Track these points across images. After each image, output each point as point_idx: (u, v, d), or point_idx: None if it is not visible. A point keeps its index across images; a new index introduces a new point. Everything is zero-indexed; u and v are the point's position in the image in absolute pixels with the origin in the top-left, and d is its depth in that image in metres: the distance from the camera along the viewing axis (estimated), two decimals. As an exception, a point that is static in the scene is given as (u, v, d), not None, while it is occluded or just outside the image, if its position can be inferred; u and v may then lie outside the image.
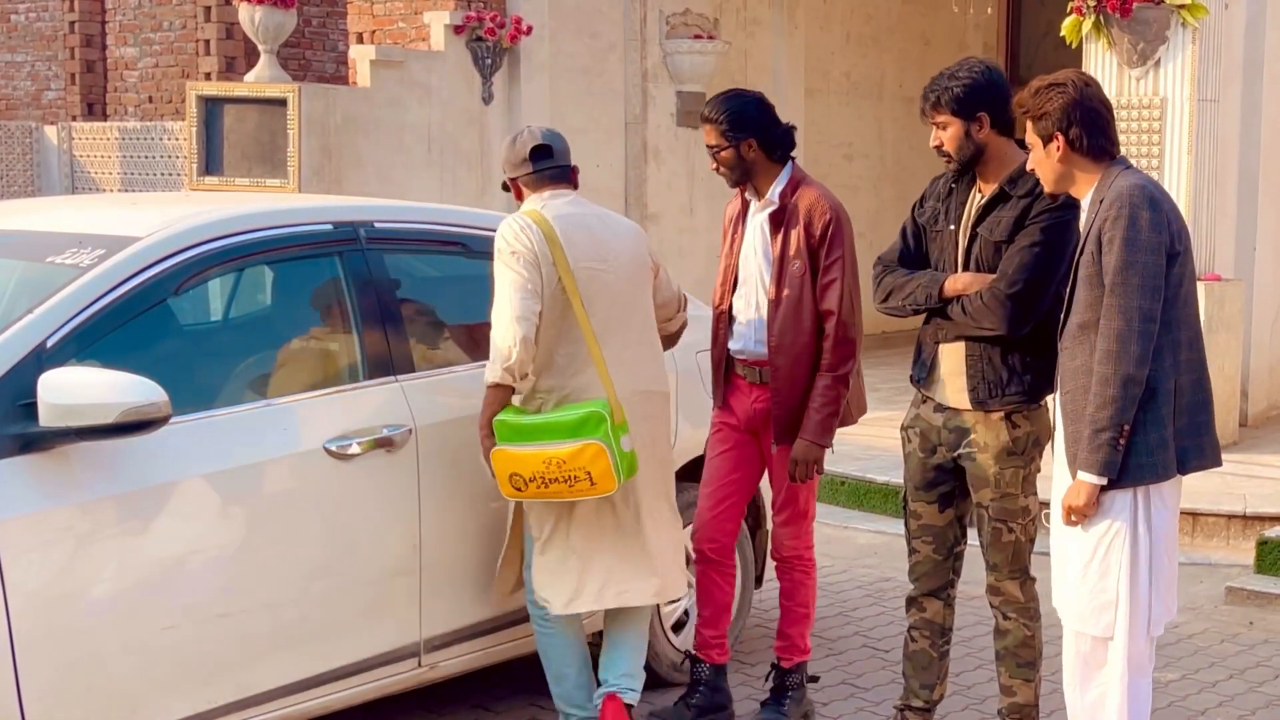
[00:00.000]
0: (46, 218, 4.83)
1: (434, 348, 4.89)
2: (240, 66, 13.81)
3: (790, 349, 4.76)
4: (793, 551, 5.01)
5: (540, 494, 4.38)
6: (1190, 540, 7.39)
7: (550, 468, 4.31)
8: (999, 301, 4.27)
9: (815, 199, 4.80)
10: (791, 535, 4.98)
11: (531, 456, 4.32)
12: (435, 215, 5.17)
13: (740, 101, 4.91)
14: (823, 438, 4.75)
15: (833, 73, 14.36)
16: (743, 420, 4.95)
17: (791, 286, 4.77)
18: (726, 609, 5.09)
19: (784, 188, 4.86)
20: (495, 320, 4.39)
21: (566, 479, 4.32)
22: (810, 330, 4.76)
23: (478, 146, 11.12)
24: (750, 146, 4.84)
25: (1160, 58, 8.41)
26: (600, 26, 11.84)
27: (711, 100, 4.95)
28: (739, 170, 4.87)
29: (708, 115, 4.88)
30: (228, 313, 4.87)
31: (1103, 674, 4.02)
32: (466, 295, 5.15)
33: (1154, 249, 3.81)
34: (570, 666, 4.67)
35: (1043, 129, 3.97)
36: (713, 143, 4.86)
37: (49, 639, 3.69)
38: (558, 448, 4.30)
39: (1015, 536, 4.41)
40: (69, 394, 3.64)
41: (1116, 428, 3.80)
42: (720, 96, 4.95)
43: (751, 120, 4.86)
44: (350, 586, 4.34)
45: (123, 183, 12.50)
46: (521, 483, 4.37)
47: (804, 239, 4.77)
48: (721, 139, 4.83)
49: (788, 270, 4.78)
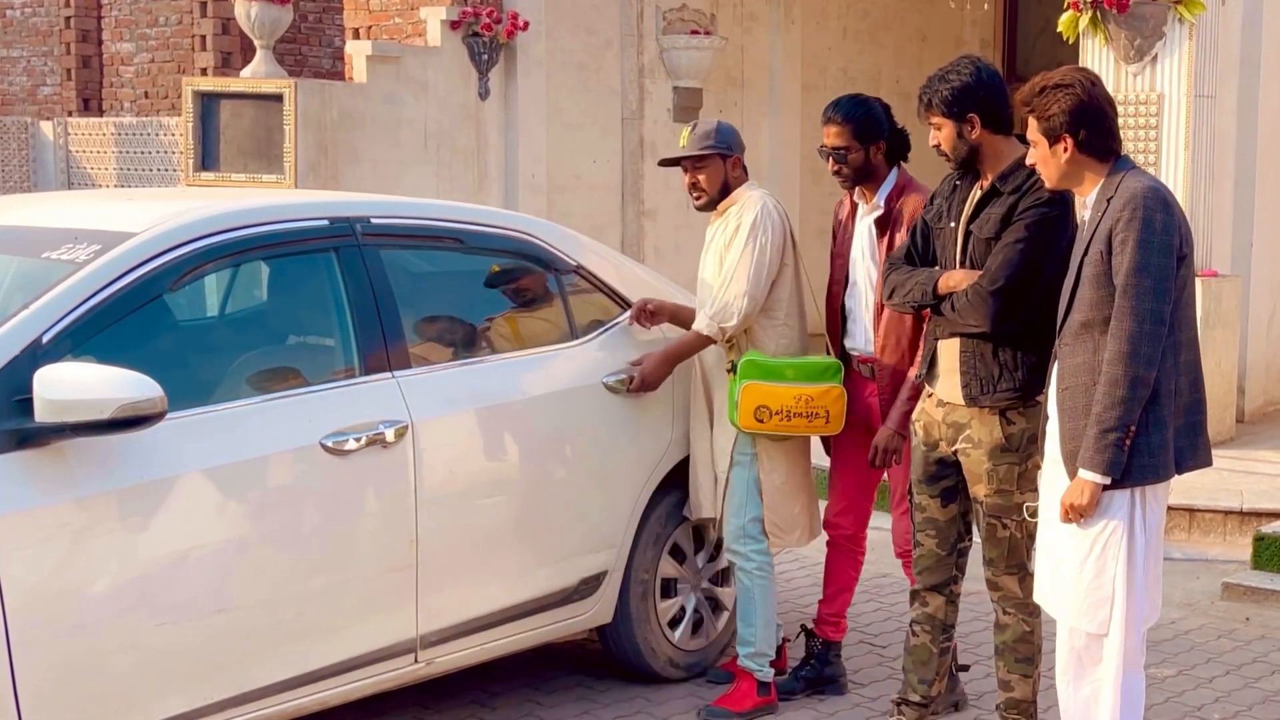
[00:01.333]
0: (42, 213, 4.82)
1: (430, 343, 4.88)
2: (236, 62, 13.80)
3: (895, 348, 4.94)
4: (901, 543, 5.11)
5: (780, 427, 4.99)
6: (1187, 536, 7.39)
7: (799, 404, 4.96)
8: (982, 298, 4.29)
9: (919, 203, 4.88)
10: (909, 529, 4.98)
11: (784, 392, 4.95)
12: (431, 211, 5.16)
13: (868, 107, 5.05)
14: (903, 427, 4.88)
15: (829, 68, 14.34)
16: (859, 413, 5.10)
17: None
18: (848, 590, 5.38)
19: (890, 191, 5.01)
20: (733, 282, 4.99)
21: (809, 414, 4.98)
22: (913, 329, 4.90)
23: (474, 142, 11.10)
24: (879, 150, 4.97)
25: (1157, 54, 8.40)
26: (597, 22, 11.83)
27: (842, 102, 5.08)
28: (862, 173, 5.01)
29: (836, 118, 5.01)
30: (224, 308, 4.87)
31: (1097, 670, 4.03)
32: (463, 290, 5.15)
33: (1166, 252, 3.82)
34: (774, 610, 5.21)
35: (1049, 129, 3.96)
36: (841, 144, 4.98)
37: (45, 635, 3.68)
38: (810, 387, 4.96)
39: (1011, 532, 4.41)
40: (65, 390, 3.63)
41: (1123, 428, 3.81)
42: (851, 100, 5.08)
43: (880, 125, 5.02)
44: (347, 582, 4.33)
45: (118, 178, 12.48)
46: (766, 415, 4.95)
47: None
48: (854, 142, 4.96)
49: None
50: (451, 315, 5.07)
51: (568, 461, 5.01)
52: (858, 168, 5.00)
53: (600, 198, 11.78)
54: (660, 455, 5.24)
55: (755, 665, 5.10)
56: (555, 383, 4.99)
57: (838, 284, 5.18)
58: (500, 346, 5.01)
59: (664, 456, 5.24)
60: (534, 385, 4.93)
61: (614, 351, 5.17)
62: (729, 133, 5.19)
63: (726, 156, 5.14)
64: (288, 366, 4.54)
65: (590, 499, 5.04)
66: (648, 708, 5.14)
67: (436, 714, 5.07)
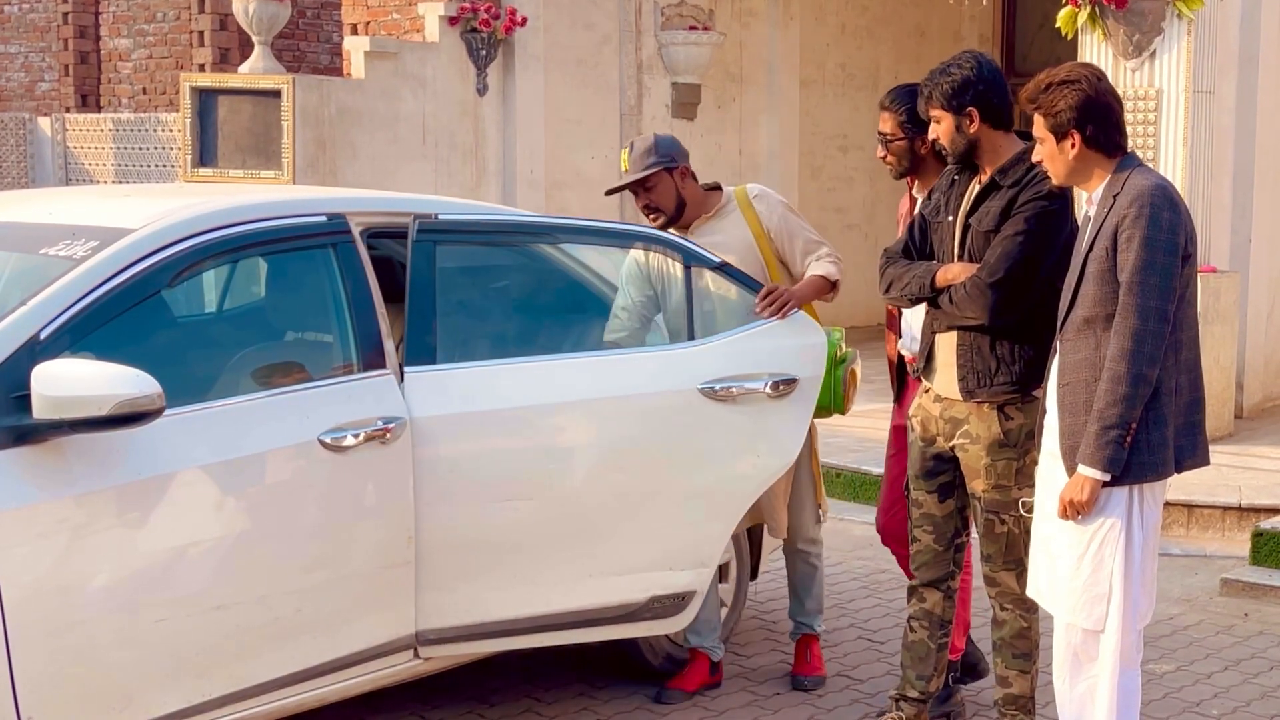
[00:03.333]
0: (40, 209, 4.81)
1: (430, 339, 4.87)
2: (234, 58, 13.79)
3: None
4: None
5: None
6: (1186, 532, 7.40)
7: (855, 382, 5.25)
8: (980, 291, 4.28)
9: None
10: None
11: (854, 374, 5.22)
12: (429, 207, 5.14)
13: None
14: None
15: (828, 64, 14.34)
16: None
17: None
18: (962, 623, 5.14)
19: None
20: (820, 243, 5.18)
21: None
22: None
23: (472, 138, 11.11)
24: (923, 143, 4.87)
25: (1156, 49, 8.40)
26: (595, 18, 11.83)
27: (894, 90, 5.03)
28: (908, 161, 4.95)
29: (889, 105, 4.96)
30: (222, 305, 4.86)
31: (1093, 666, 4.03)
32: (462, 286, 5.13)
33: (1172, 250, 3.82)
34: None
35: (1055, 125, 3.94)
36: (888, 131, 4.94)
37: (43, 632, 3.67)
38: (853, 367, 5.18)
39: (1009, 528, 4.41)
40: (62, 386, 3.63)
41: (1124, 426, 3.81)
42: (905, 89, 4.98)
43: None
44: (345, 579, 4.32)
45: (117, 174, 12.47)
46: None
47: None
48: (898, 129, 4.91)
49: None
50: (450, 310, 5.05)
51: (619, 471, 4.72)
52: (901, 155, 4.94)
53: (598, 193, 11.72)
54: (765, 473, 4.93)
55: (714, 645, 5.22)
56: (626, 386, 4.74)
57: None
58: (505, 345, 4.98)
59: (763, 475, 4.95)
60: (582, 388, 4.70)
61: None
62: (669, 144, 5.14)
63: (672, 169, 5.09)
64: (286, 362, 4.53)
65: (658, 513, 4.75)
66: (647, 704, 5.14)
67: (435, 711, 5.07)
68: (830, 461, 8.30)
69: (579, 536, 4.66)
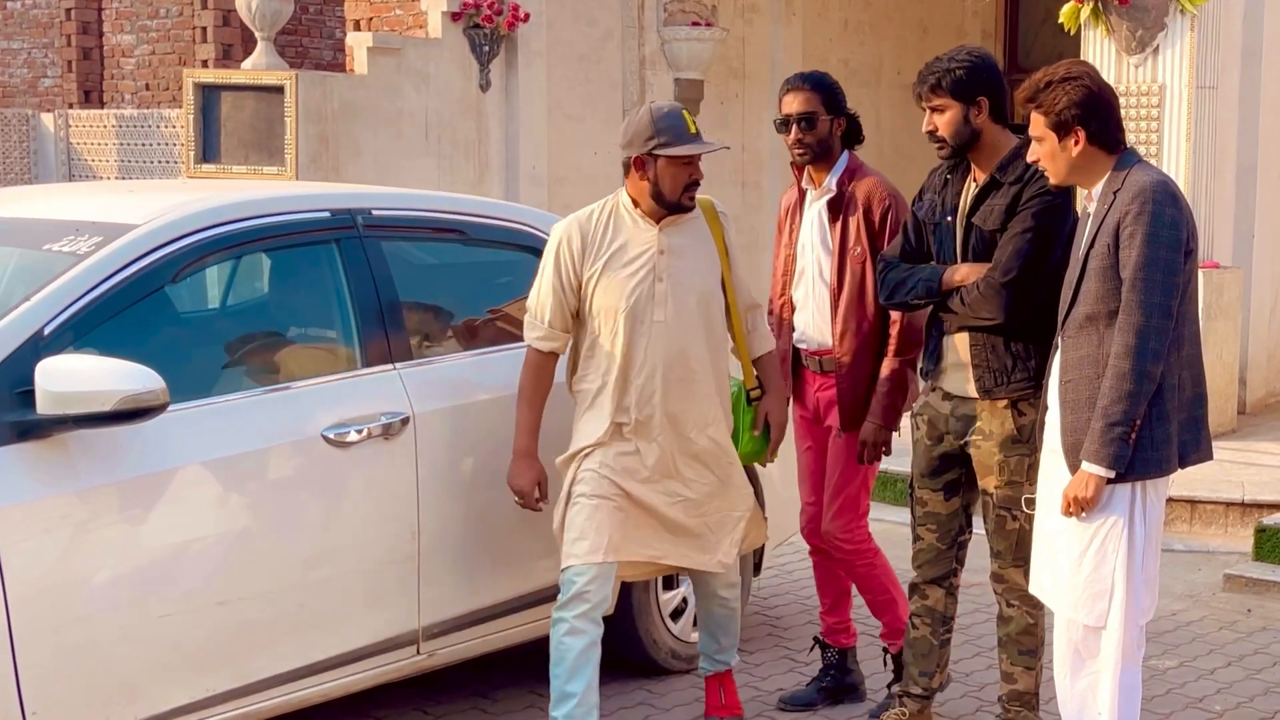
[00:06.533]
0: (43, 205, 4.82)
1: (431, 335, 4.88)
2: (237, 54, 13.79)
3: (855, 336, 4.79)
4: (850, 544, 4.93)
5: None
6: (1188, 528, 7.40)
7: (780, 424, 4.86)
8: (995, 290, 4.26)
9: (873, 185, 4.80)
10: (842, 529, 4.90)
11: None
12: (432, 203, 5.15)
13: (831, 80, 4.90)
14: (890, 420, 4.79)
15: (830, 60, 14.31)
16: (810, 410, 4.98)
17: (853, 274, 4.78)
18: (847, 594, 5.19)
19: (842, 175, 4.85)
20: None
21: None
22: (874, 317, 4.78)
23: (475, 134, 11.10)
24: (839, 127, 4.83)
25: (1159, 45, 8.40)
26: (598, 13, 11.82)
27: (803, 73, 4.95)
28: (820, 148, 4.81)
29: (803, 85, 4.82)
30: (225, 300, 4.86)
31: (1094, 663, 4.03)
32: (464, 283, 5.14)
33: (1175, 246, 3.81)
34: None
35: (1058, 122, 3.92)
36: (810, 110, 4.78)
37: (47, 627, 3.68)
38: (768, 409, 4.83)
39: (1020, 524, 4.40)
40: (66, 381, 3.63)
41: (1129, 422, 3.81)
42: (816, 72, 4.93)
43: (844, 99, 4.89)
44: (348, 574, 4.33)
45: (119, 170, 12.48)
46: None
47: (864, 226, 4.77)
48: (821, 108, 4.79)
49: (848, 258, 4.79)
50: (452, 307, 5.06)
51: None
52: (822, 138, 4.80)
53: (601, 190, 11.64)
54: None
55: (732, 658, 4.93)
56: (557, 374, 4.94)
57: (787, 276, 4.98)
58: (502, 338, 4.99)
59: None
60: None
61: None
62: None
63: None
64: (289, 358, 4.54)
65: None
66: (649, 699, 5.14)
67: (437, 708, 5.07)
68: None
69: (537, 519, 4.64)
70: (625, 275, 4.46)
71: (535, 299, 4.53)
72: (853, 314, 4.79)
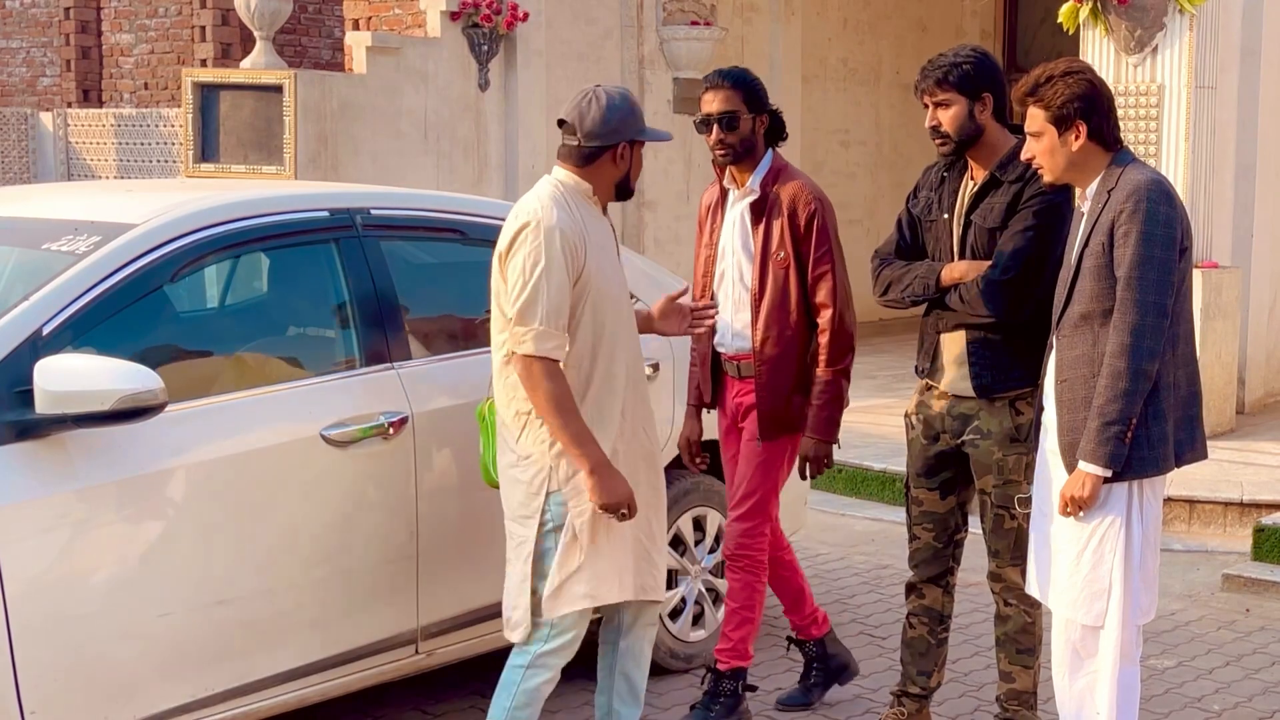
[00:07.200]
0: (42, 204, 4.82)
1: (430, 335, 4.88)
2: (236, 53, 13.80)
3: (777, 343, 4.67)
4: (743, 549, 4.78)
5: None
6: (1187, 528, 7.40)
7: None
8: (994, 288, 4.26)
9: (798, 189, 4.68)
10: (744, 533, 4.78)
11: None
12: (432, 202, 5.15)
13: (752, 76, 4.79)
14: (830, 434, 4.68)
15: (829, 59, 14.34)
16: (729, 417, 4.87)
17: (776, 279, 4.66)
18: (802, 591, 5.14)
19: (765, 176, 4.72)
20: None
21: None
22: (797, 323, 4.67)
23: (474, 133, 11.10)
24: (762, 125, 4.73)
25: (1158, 44, 8.40)
26: (597, 13, 11.82)
27: (722, 70, 4.79)
28: (742, 147, 4.69)
29: (723, 83, 4.70)
30: (224, 300, 4.86)
31: (1092, 662, 4.03)
32: (463, 282, 5.13)
33: (1169, 245, 3.81)
34: None
35: (1060, 117, 3.91)
36: (731, 109, 4.66)
37: (46, 626, 3.68)
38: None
39: (1017, 523, 4.40)
40: (65, 381, 3.63)
41: (1125, 421, 3.81)
42: (736, 68, 4.80)
43: (766, 96, 4.77)
44: (347, 573, 4.33)
45: (118, 169, 12.47)
46: None
47: (788, 230, 4.65)
48: (743, 107, 4.67)
49: (771, 262, 4.67)
50: (451, 306, 5.06)
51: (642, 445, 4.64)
52: (745, 137, 4.66)
53: (600, 189, 11.77)
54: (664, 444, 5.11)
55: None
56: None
57: (707, 277, 4.84)
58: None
59: (668, 445, 5.17)
60: None
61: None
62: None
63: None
64: (288, 358, 4.54)
65: None
66: (649, 699, 5.12)
67: (437, 707, 5.07)
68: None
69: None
70: (608, 268, 4.22)
71: (543, 305, 4.00)
72: (775, 320, 4.66)
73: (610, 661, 4.44)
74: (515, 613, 4.16)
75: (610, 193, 4.27)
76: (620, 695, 4.42)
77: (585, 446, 4.03)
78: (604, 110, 4.18)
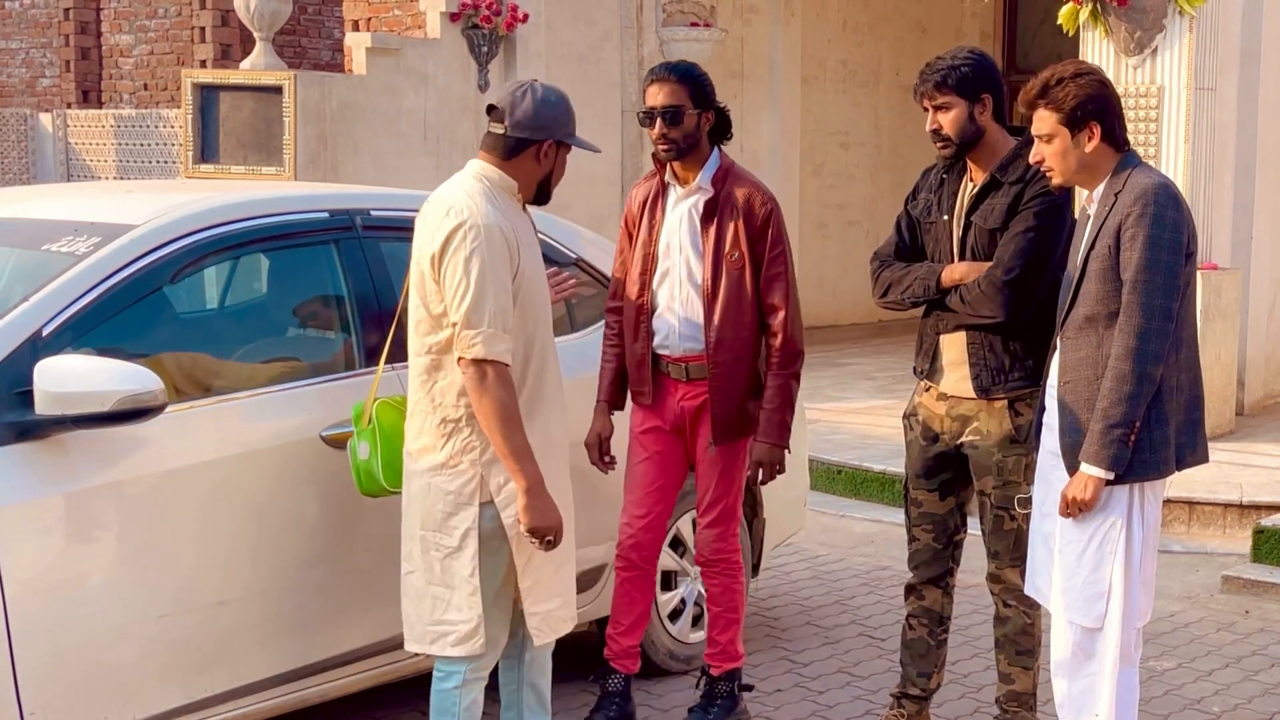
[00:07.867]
0: (42, 205, 4.82)
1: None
2: (236, 54, 13.81)
3: (732, 345, 4.58)
4: (719, 554, 4.76)
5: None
6: (1187, 529, 7.40)
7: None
8: (997, 289, 4.26)
9: (752, 189, 4.60)
10: (718, 537, 4.75)
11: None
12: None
13: (700, 71, 4.66)
14: (783, 438, 4.61)
15: (829, 60, 14.35)
16: (669, 420, 4.72)
17: (730, 279, 4.57)
18: (645, 618, 4.88)
19: (715, 174, 4.62)
20: None
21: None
22: (751, 324, 4.59)
23: (473, 134, 11.10)
24: (708, 122, 4.62)
25: (1157, 46, 8.41)
26: (597, 14, 11.83)
27: (669, 63, 4.67)
28: (686, 143, 4.57)
29: (669, 77, 4.57)
30: (223, 301, 4.86)
31: (1092, 664, 4.03)
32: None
33: (1176, 249, 3.81)
34: None
35: (1072, 118, 3.89)
36: (676, 103, 4.54)
37: (45, 627, 3.68)
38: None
39: (1017, 524, 4.40)
40: (65, 382, 3.63)
41: (1129, 424, 3.81)
42: (682, 62, 4.70)
43: (712, 92, 4.65)
44: (348, 574, 4.33)
45: (118, 170, 12.47)
46: None
47: (743, 230, 4.57)
48: (688, 102, 4.55)
49: (725, 262, 4.59)
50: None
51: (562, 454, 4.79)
52: (689, 133, 4.54)
53: (600, 190, 11.79)
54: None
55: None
56: None
57: (647, 275, 4.70)
58: None
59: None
60: None
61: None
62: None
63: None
64: (288, 359, 4.54)
65: (587, 492, 4.82)
66: (648, 700, 5.15)
67: (436, 706, 5.07)
68: (831, 458, 8.32)
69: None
70: (537, 270, 4.09)
71: (489, 306, 3.85)
72: (730, 322, 4.56)
73: (516, 675, 4.31)
74: (466, 625, 4.00)
75: (530, 193, 4.15)
76: (530, 706, 4.32)
77: (524, 464, 3.89)
78: (537, 104, 4.09)
